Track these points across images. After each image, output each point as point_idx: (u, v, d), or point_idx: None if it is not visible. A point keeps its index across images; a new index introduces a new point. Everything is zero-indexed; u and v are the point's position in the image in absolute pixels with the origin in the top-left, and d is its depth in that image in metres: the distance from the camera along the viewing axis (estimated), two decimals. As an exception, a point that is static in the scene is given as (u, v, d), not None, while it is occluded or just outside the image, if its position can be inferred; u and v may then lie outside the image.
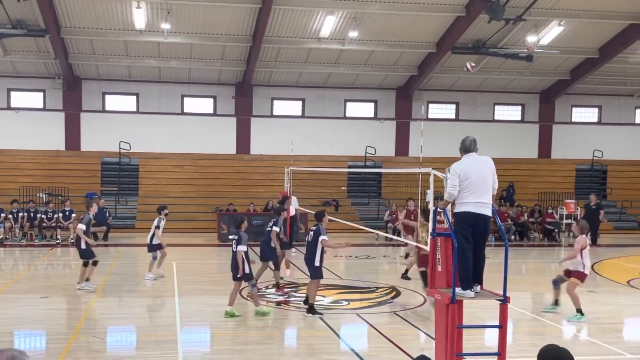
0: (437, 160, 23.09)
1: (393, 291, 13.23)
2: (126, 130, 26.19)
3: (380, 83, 28.18)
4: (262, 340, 9.81)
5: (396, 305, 11.99)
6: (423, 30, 24.00)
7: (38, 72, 26.12)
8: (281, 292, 12.89)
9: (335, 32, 23.66)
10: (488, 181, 7.04)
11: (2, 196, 22.00)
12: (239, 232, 10.69)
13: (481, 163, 7.14)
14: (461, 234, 6.91)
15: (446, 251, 7.11)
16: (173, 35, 23.39)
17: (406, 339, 9.60)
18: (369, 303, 12.19)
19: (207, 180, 26.36)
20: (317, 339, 9.75)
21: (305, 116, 28.27)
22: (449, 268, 7.00)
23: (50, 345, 9.23)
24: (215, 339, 9.94)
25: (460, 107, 29.35)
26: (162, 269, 14.68)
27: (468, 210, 6.96)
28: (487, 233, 7.30)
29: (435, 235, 7.28)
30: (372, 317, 10.96)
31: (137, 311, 11.39)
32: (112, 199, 24.44)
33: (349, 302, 12.14)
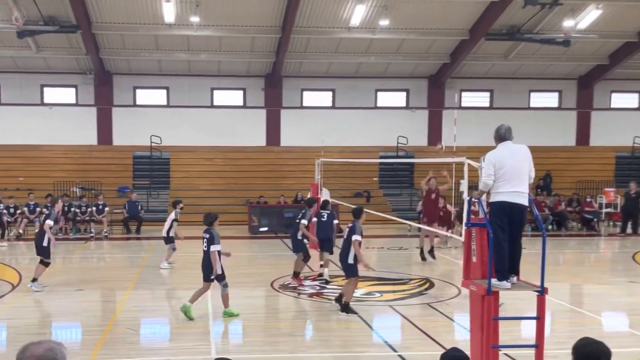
0: (471, 150, 22.61)
1: (426, 283, 13.03)
2: (157, 124, 26.29)
3: (412, 72, 27.75)
4: (294, 332, 9.75)
5: (430, 296, 11.80)
6: (455, 17, 23.53)
7: (70, 67, 26.40)
8: (297, 282, 12.83)
9: (365, 21, 23.34)
10: (524, 170, 6.87)
11: (37, 191, 22.26)
12: (211, 230, 10.08)
13: (517, 151, 6.96)
14: (496, 223, 6.75)
15: (481, 241, 6.93)
16: (202, 28, 23.35)
17: (440, 331, 9.43)
18: (402, 295, 12.01)
19: (237, 172, 26.33)
20: (349, 331, 9.61)
21: (336, 107, 28.01)
22: (484, 259, 6.83)
23: (86, 337, 9.30)
24: (247, 330, 9.88)
25: (495, 95, 28.76)
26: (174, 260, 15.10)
27: (503, 199, 6.79)
28: (524, 223, 7.11)
29: (470, 226, 7.10)
30: (405, 308, 10.80)
31: (170, 303, 11.40)
32: (144, 193, 24.55)
33: (382, 294, 11.98)
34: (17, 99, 26.53)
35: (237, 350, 8.79)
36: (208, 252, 9.95)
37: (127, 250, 18.63)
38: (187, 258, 16.26)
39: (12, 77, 26.42)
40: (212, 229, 10.10)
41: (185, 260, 16.05)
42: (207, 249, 9.98)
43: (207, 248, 9.97)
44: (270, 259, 16.90)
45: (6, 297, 11.57)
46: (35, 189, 22.86)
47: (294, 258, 16.31)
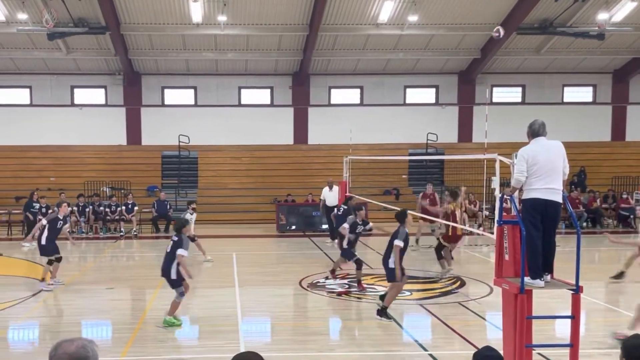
0: (503, 146, 22.13)
1: (458, 281, 12.79)
2: (185, 124, 26.40)
3: (442, 68, 27.37)
4: (323, 331, 9.64)
5: (461, 295, 11.60)
6: (486, 11, 23.12)
7: (99, 68, 26.67)
8: (333, 278, 12.84)
9: (393, 17, 23.08)
10: (558, 166, 6.75)
11: (68, 191, 22.48)
12: (181, 235, 9.62)
13: (550, 147, 6.83)
14: (529, 221, 6.65)
15: (514, 239, 6.82)
16: (229, 27, 23.36)
17: (472, 330, 9.25)
18: (433, 293, 11.84)
19: (265, 171, 26.28)
20: (379, 330, 9.44)
21: (364, 104, 27.77)
22: (517, 257, 6.73)
23: (117, 335, 9.34)
24: (276, 329, 9.78)
25: (527, 90, 28.20)
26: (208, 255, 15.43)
27: (537, 196, 6.69)
28: (558, 220, 6.97)
29: (502, 223, 6.96)
30: (436, 307, 10.60)
31: (199, 302, 11.36)
32: (173, 192, 24.66)
33: (412, 293, 11.77)
34: (48, 100, 26.91)
35: (266, 348, 8.65)
36: (171, 254, 9.41)
37: (156, 249, 18.60)
38: (216, 256, 16.28)
39: (43, 78, 26.80)
40: (181, 234, 9.65)
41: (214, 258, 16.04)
42: (171, 251, 9.45)
43: (171, 250, 9.45)
44: (298, 257, 16.77)
45: (38, 295, 11.66)
46: (67, 189, 23.10)
47: (320, 256, 16.31)
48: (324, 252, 16.98)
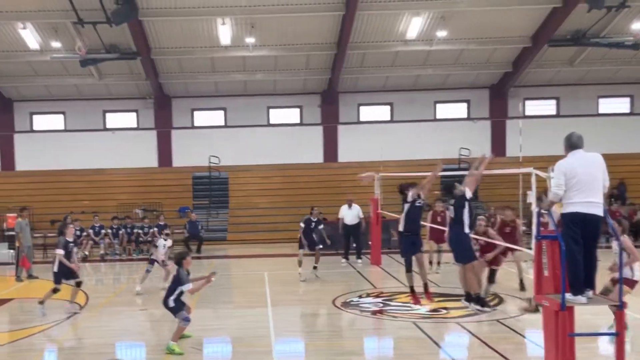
0: (538, 160, 21.60)
1: (495, 298, 12.32)
2: (215, 145, 26.64)
3: (472, 82, 27.08)
4: (358, 351, 9.37)
5: (499, 312, 11.14)
6: (516, 24, 22.86)
7: (130, 93, 27.08)
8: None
9: (422, 33, 22.97)
10: (598, 179, 6.68)
11: (102, 213, 22.74)
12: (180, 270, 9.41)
13: (589, 160, 6.76)
14: (569, 235, 6.58)
15: (552, 255, 6.70)
16: (258, 49, 23.50)
17: (512, 349, 8.85)
18: (470, 311, 11.29)
19: (295, 190, 26.20)
20: (415, 349, 9.11)
21: (394, 120, 27.61)
22: (557, 272, 6.60)
23: (150, 356, 9.28)
24: (310, 349, 9.54)
25: (561, 102, 27.73)
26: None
27: (576, 210, 6.61)
28: (598, 234, 6.85)
29: (540, 238, 6.88)
30: (474, 325, 10.22)
31: (232, 322, 11.21)
32: (204, 212, 24.80)
33: (448, 311, 11.41)
34: (81, 125, 27.42)
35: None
36: (172, 286, 9.36)
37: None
38: (248, 276, 16.12)
39: (76, 104, 27.36)
40: (180, 268, 9.42)
41: (247, 278, 15.88)
42: (172, 284, 9.37)
43: (173, 283, 9.37)
44: (330, 276, 16.48)
45: (75, 317, 11.67)
46: (100, 211, 23.38)
47: (355, 275, 15.99)
48: (357, 271, 16.67)
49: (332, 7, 21.32)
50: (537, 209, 8.09)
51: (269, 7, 21.13)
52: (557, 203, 6.89)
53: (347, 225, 18.24)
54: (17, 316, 12.24)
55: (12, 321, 11.83)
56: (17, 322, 11.66)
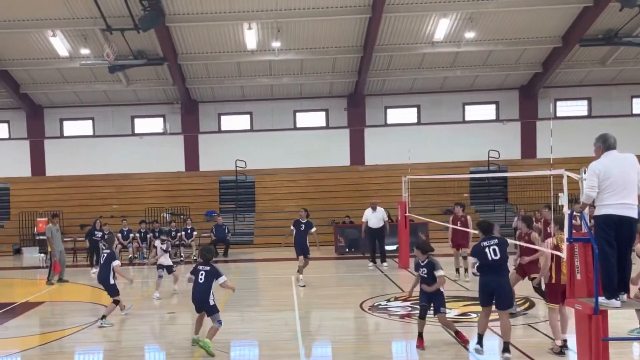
0: (569, 161, 21.20)
1: (526, 302, 12.07)
2: (241, 149, 26.65)
3: (501, 83, 26.71)
4: (386, 355, 9.28)
5: (531, 316, 10.93)
6: (546, 24, 22.48)
7: (158, 98, 27.29)
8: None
9: (450, 35, 22.74)
10: (632, 180, 6.50)
11: (130, 217, 22.90)
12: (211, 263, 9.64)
13: (623, 161, 6.58)
14: (603, 238, 6.44)
15: (585, 258, 6.56)
16: (284, 53, 23.50)
17: (544, 353, 8.63)
18: None
19: (322, 193, 26.17)
20: (444, 354, 8.93)
21: (421, 123, 27.36)
22: (590, 276, 6.49)
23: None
24: (337, 353, 9.44)
25: (593, 103, 27.18)
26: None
27: (610, 212, 6.46)
28: (633, 237, 6.72)
29: (572, 241, 6.71)
30: None
31: (259, 325, 11.15)
32: (230, 216, 24.84)
33: (478, 315, 11.02)
34: (109, 130, 27.72)
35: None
36: (207, 284, 9.32)
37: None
38: (275, 280, 16.03)
39: (105, 110, 27.66)
40: (211, 263, 9.61)
41: (272, 281, 15.78)
42: (205, 281, 9.32)
43: (205, 280, 9.32)
44: (358, 279, 16.33)
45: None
46: (128, 215, 23.57)
47: (382, 278, 15.79)
48: (385, 274, 16.46)
49: (359, 10, 21.24)
50: (569, 212, 7.94)
51: (295, 11, 21.14)
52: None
53: (372, 229, 18.03)
54: (48, 319, 12.34)
55: (43, 324, 11.91)
56: (48, 324, 11.77)
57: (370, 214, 18.18)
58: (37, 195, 26.50)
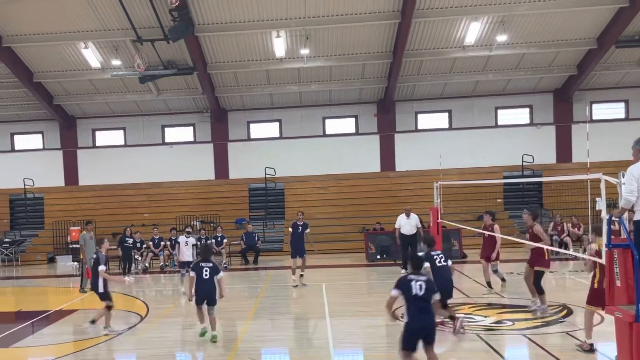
0: (606, 165, 20.70)
1: (564, 309, 11.72)
2: (271, 156, 26.70)
3: (535, 86, 26.22)
4: None
5: (569, 324, 10.57)
6: (580, 26, 22.04)
7: (188, 107, 27.48)
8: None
9: (481, 39, 22.45)
10: None
11: (161, 225, 23.03)
12: (212, 261, 10.71)
13: None
14: None
15: (625, 264, 6.47)
16: (312, 60, 23.47)
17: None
18: (537, 323, 10.84)
19: (352, 200, 26.00)
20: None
21: (453, 128, 27.00)
22: (630, 282, 6.40)
23: None
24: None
25: (631, 105, 26.49)
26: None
27: None
28: None
29: (611, 247, 6.63)
30: (541, 337, 9.74)
31: (290, 333, 11.08)
32: (260, 224, 24.84)
33: (514, 322, 10.90)
34: (140, 140, 28.01)
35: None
36: (211, 279, 10.51)
37: (245, 280, 18.55)
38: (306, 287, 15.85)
39: (136, 120, 27.97)
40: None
41: (304, 289, 15.62)
42: (210, 277, 10.46)
43: (210, 276, 10.46)
44: (390, 286, 15.88)
45: (136, 328, 11.77)
46: (160, 223, 23.73)
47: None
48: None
49: (388, 15, 21.11)
50: (607, 217, 7.72)
51: (324, 18, 21.10)
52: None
53: (405, 235, 17.77)
54: (81, 327, 12.33)
55: (76, 331, 11.91)
56: (82, 332, 11.72)
57: (404, 220, 17.96)
58: (71, 205, 26.89)
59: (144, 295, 15.98)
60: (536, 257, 11.32)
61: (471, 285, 15.22)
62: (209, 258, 10.61)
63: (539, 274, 11.31)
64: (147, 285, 18.41)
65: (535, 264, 11.32)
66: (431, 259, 10.46)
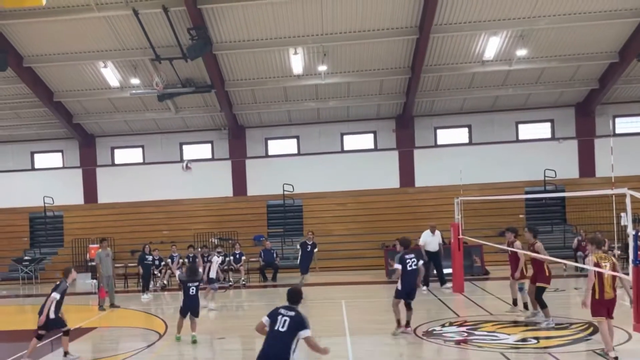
0: (631, 180, 20.35)
1: (590, 327, 11.40)
2: (289, 173, 26.59)
3: (556, 101, 25.87)
4: None
5: (595, 342, 10.25)
6: (601, 40, 21.74)
7: (205, 125, 27.52)
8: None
9: (500, 53, 22.24)
10: None
11: (179, 243, 22.97)
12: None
13: None
14: None
15: None
16: (330, 76, 23.44)
17: None
18: (563, 341, 10.57)
19: (371, 216, 25.72)
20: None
21: (473, 143, 26.69)
22: None
23: None
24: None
25: (654, 118, 25.93)
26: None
27: None
28: None
29: (638, 263, 6.65)
30: (568, 356, 9.49)
31: (309, 350, 10.69)
32: (279, 240, 24.68)
33: (539, 340, 10.70)
34: (159, 157, 28.07)
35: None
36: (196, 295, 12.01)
37: (264, 297, 18.39)
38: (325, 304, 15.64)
39: (154, 137, 28.07)
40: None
41: (323, 306, 15.41)
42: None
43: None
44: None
45: (154, 346, 11.69)
46: (178, 241, 23.69)
47: (436, 303, 15.21)
48: (439, 299, 15.86)
49: (405, 31, 21.01)
50: (633, 232, 7.51)
51: (341, 35, 21.07)
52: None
53: (429, 252, 17.53)
54: (99, 345, 12.33)
55: (95, 349, 11.88)
56: (100, 350, 11.74)
57: (428, 236, 17.79)
58: (90, 222, 26.96)
59: (162, 313, 15.88)
60: (537, 273, 11.81)
61: (493, 302, 14.92)
62: (195, 279, 11.97)
63: (540, 289, 11.75)
64: (166, 303, 18.31)
65: (537, 280, 11.79)
66: (404, 261, 11.50)
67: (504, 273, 14.87)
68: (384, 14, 20.16)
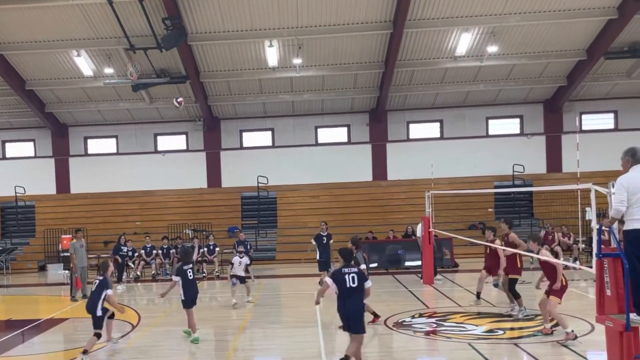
0: (596, 175, 20.90)
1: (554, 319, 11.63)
2: (263, 165, 26.77)
3: (525, 97, 26.45)
4: None
5: (559, 333, 10.54)
6: (570, 37, 22.28)
7: (180, 116, 27.46)
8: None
9: (472, 49, 22.68)
10: None
11: (153, 234, 22.99)
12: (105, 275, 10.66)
13: None
14: (633, 253, 6.40)
15: (615, 273, 6.53)
16: (305, 69, 23.58)
17: None
18: (528, 332, 10.90)
19: (344, 209, 26.07)
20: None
21: (444, 137, 27.15)
22: (620, 292, 6.47)
23: None
24: (362, 370, 9.18)
25: (620, 116, 26.74)
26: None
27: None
28: None
29: (601, 256, 6.68)
30: (533, 347, 9.74)
31: (282, 342, 11.03)
32: (252, 232, 24.83)
33: (505, 332, 10.96)
34: (133, 148, 27.99)
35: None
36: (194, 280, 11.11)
37: (238, 289, 18.47)
38: (297, 296, 15.86)
39: (128, 128, 27.96)
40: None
41: (296, 297, 15.62)
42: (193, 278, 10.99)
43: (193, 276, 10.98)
44: (382, 295, 16.02)
45: (127, 337, 11.71)
46: (151, 232, 23.66)
47: (406, 295, 15.57)
48: (409, 290, 16.21)
49: (380, 26, 21.26)
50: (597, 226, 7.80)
51: (316, 28, 21.24)
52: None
53: None
54: (71, 335, 12.33)
55: (67, 340, 11.89)
56: (72, 341, 11.69)
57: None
58: (62, 213, 26.80)
59: (135, 304, 15.93)
60: (509, 265, 12.12)
61: (462, 294, 15.28)
62: (189, 261, 11.40)
63: (512, 281, 12.11)
64: (139, 294, 18.35)
65: (509, 272, 12.12)
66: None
67: (473, 266, 15.22)
68: (359, 7, 20.39)
